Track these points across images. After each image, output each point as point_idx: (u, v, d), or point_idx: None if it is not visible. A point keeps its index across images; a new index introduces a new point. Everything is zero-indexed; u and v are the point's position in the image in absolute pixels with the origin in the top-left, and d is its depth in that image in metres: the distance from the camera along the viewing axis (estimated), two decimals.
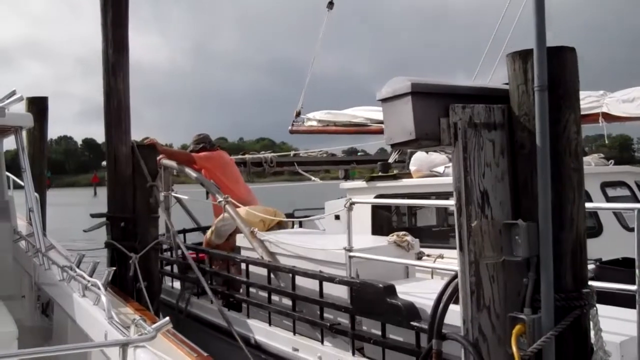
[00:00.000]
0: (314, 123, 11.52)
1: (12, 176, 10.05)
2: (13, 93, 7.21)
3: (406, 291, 5.62)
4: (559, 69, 3.49)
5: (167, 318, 4.17)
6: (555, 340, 3.42)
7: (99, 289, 5.19)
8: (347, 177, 11.81)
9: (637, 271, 3.92)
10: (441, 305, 3.94)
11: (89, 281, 5.50)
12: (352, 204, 6.12)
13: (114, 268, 5.84)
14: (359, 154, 13.72)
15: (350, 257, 6.04)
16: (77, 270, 5.95)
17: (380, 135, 9.89)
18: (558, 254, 3.47)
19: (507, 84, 3.70)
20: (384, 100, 3.74)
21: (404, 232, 6.81)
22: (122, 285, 7.53)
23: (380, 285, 5.53)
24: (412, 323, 5.14)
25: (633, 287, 4.02)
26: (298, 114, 11.87)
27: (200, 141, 10.25)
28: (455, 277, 3.75)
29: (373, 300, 5.54)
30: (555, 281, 3.43)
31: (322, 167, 13.60)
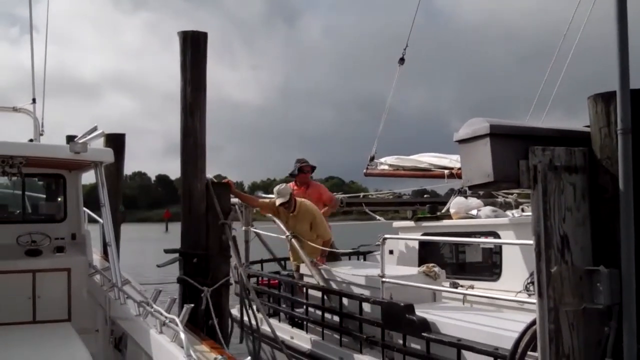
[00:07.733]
0: (386, 167, 12.38)
1: (88, 211, 10.31)
2: (95, 129, 7.43)
3: (428, 310, 6.83)
4: None
5: (249, 358, 4.20)
6: None
7: (177, 325, 5.17)
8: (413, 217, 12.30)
9: None
10: (518, 353, 3.84)
11: (166, 317, 5.50)
12: (385, 239, 7.65)
13: (192, 305, 5.85)
14: (425, 195, 14.02)
15: (382, 282, 7.41)
16: (154, 306, 6.00)
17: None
18: None
19: (588, 126, 3.63)
20: (462, 142, 3.70)
21: (433, 264, 8.12)
22: (192, 321, 7.56)
23: (402, 304, 6.78)
24: (422, 334, 6.35)
25: None
26: (372, 159, 12.67)
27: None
28: (533, 323, 3.66)
29: (396, 316, 6.79)
30: (638, 330, 3.31)
31: (389, 207, 14.47)
